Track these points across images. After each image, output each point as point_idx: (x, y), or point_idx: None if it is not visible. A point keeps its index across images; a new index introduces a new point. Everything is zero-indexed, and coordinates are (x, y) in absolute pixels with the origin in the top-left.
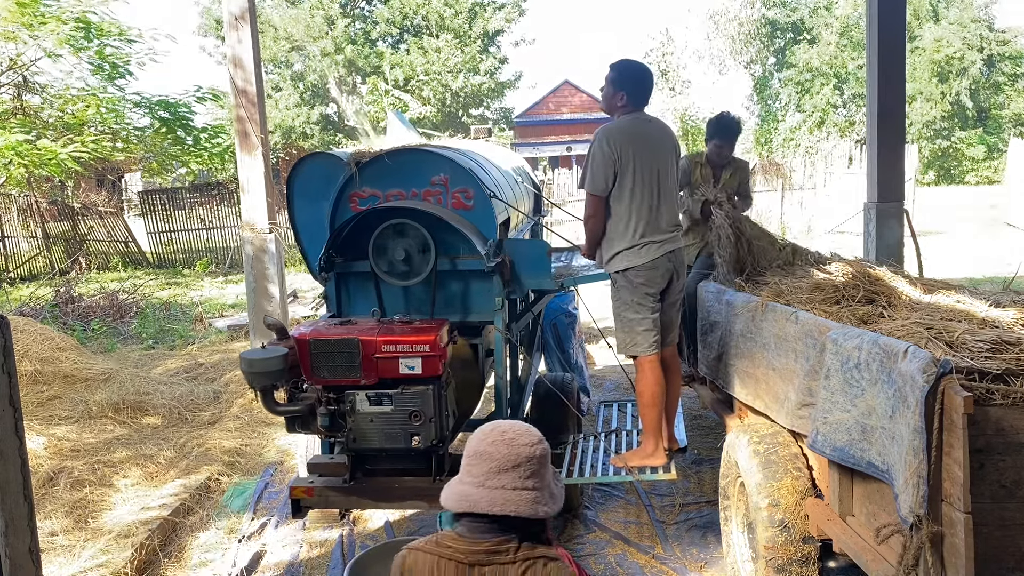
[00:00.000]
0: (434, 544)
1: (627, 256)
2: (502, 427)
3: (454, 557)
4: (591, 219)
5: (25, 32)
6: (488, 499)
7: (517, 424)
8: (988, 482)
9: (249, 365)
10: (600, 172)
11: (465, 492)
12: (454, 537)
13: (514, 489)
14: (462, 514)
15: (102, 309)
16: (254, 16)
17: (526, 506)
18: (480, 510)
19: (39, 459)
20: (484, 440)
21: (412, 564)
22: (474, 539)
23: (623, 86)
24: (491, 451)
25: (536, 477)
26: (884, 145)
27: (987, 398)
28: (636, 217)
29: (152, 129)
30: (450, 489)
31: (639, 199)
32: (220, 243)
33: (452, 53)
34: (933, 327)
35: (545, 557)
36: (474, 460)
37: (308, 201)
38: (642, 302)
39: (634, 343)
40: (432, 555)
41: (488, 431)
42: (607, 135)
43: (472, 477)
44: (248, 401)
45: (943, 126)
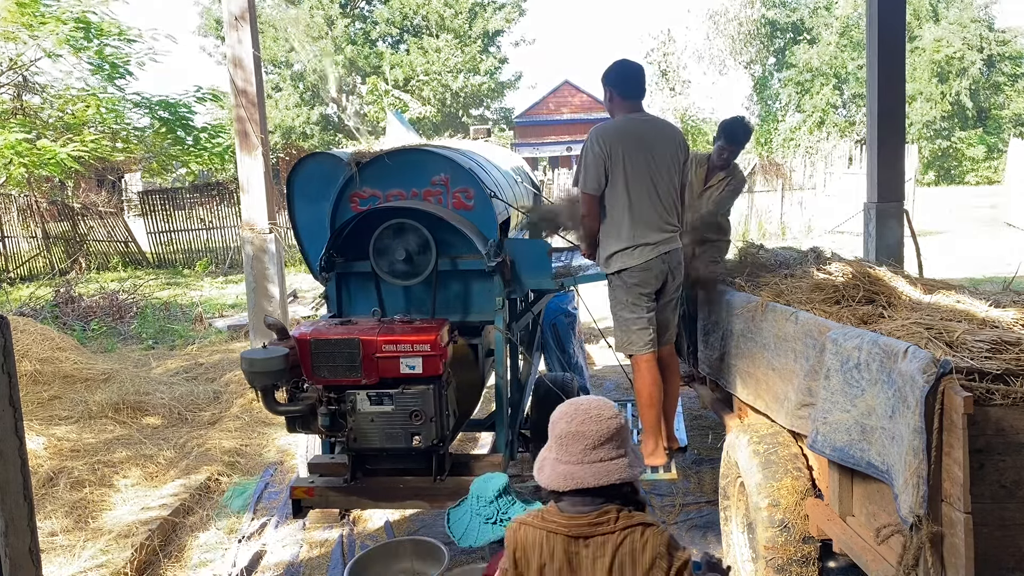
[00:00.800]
0: (540, 519)
1: (621, 257)
2: (584, 406)
3: (559, 531)
4: (585, 218)
5: (25, 32)
6: (592, 473)
7: (594, 400)
8: (988, 482)
9: (250, 365)
10: (592, 171)
11: (569, 471)
12: (557, 512)
13: (611, 460)
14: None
15: (102, 309)
16: (254, 16)
17: (624, 472)
18: (588, 485)
19: (39, 459)
20: (573, 420)
21: (523, 538)
22: (575, 512)
23: (609, 84)
24: (583, 430)
25: (624, 445)
26: (884, 145)
27: (987, 398)
28: (629, 218)
29: (152, 129)
30: (550, 470)
31: (632, 199)
32: (220, 243)
33: (452, 53)
34: (933, 327)
35: (643, 524)
36: (568, 440)
37: (308, 201)
38: (636, 302)
39: (630, 342)
40: (540, 530)
41: (572, 412)
42: (597, 134)
43: (570, 456)
44: (248, 401)
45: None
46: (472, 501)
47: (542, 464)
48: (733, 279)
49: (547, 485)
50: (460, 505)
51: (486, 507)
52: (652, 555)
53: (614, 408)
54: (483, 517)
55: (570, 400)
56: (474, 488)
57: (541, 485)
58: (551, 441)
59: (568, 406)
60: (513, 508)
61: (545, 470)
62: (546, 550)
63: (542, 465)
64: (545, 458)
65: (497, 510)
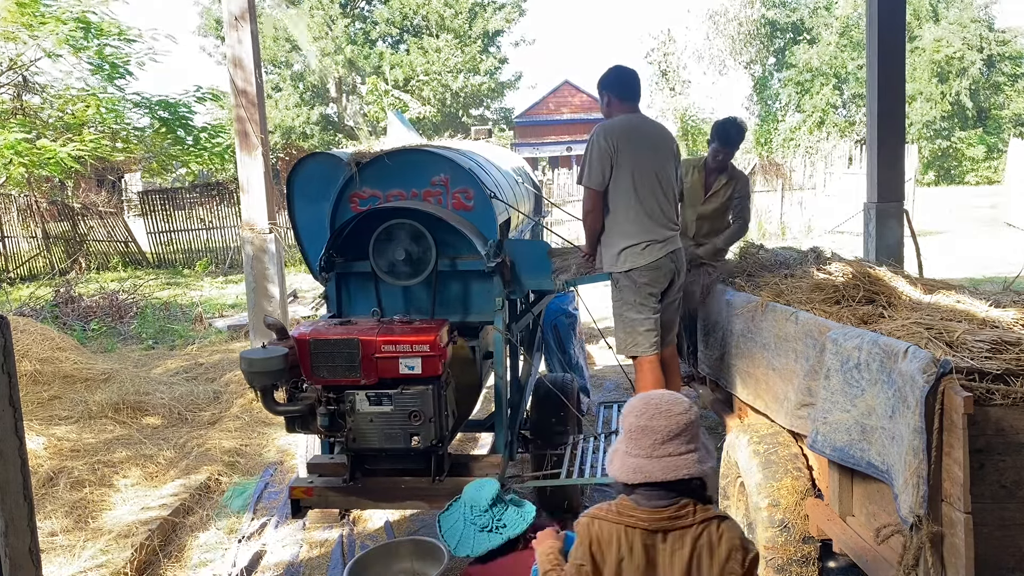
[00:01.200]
0: (616, 514)
1: (631, 255)
2: (655, 400)
3: (638, 526)
4: (590, 214)
5: (25, 32)
6: (661, 468)
7: (666, 395)
8: (988, 482)
9: (249, 365)
10: (597, 166)
11: (638, 465)
12: (632, 506)
13: (680, 455)
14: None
15: (102, 309)
16: (254, 16)
17: (694, 467)
18: (656, 479)
19: (39, 459)
20: (644, 415)
21: (598, 533)
22: (653, 507)
23: (607, 89)
24: (653, 424)
25: (694, 440)
26: (884, 145)
27: (987, 398)
28: (637, 215)
29: (152, 129)
30: (620, 463)
31: (640, 196)
32: (220, 243)
33: (452, 53)
34: (933, 327)
35: (718, 517)
36: (638, 434)
37: (308, 201)
38: (644, 302)
39: (635, 343)
40: (617, 524)
41: (643, 406)
42: (603, 130)
43: (640, 449)
44: (248, 401)
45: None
46: (465, 510)
47: (613, 456)
48: (733, 279)
49: (617, 477)
50: (450, 511)
51: (481, 516)
52: (728, 548)
53: (686, 403)
54: (478, 526)
55: (642, 394)
56: (466, 496)
57: (611, 477)
58: (622, 434)
59: (639, 400)
60: (507, 514)
61: (615, 463)
62: (624, 544)
63: (612, 457)
64: (616, 450)
65: (492, 518)
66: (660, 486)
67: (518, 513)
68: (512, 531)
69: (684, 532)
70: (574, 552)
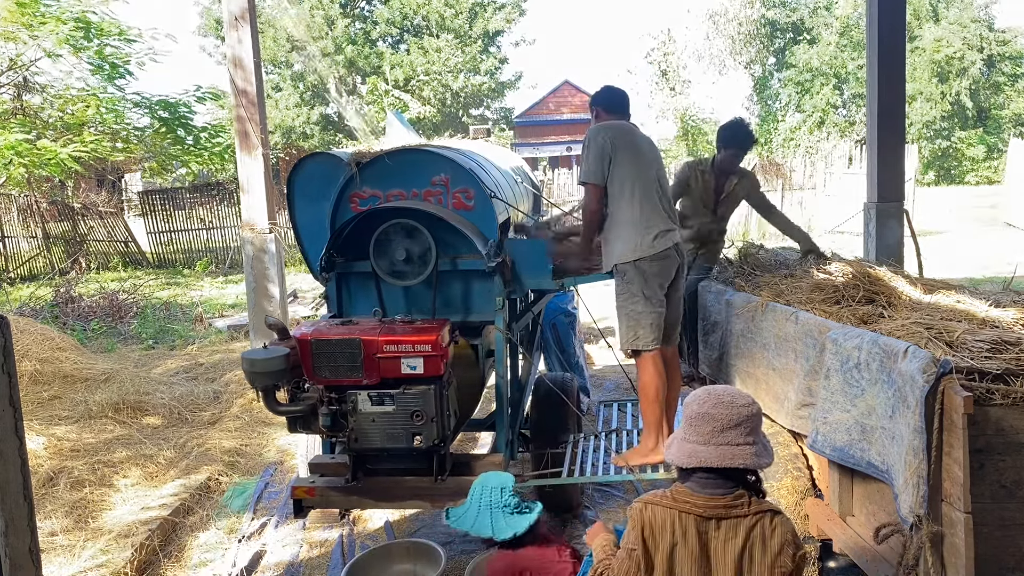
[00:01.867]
0: (671, 499)
1: (641, 245)
2: (718, 391)
3: (692, 511)
4: (594, 212)
5: (25, 32)
6: (717, 455)
7: (731, 388)
8: (988, 482)
9: (251, 365)
10: (597, 162)
11: (694, 450)
12: (688, 492)
13: (737, 445)
14: (691, 470)
15: (102, 309)
16: (254, 16)
17: (750, 459)
18: (711, 464)
19: (39, 459)
20: (706, 403)
21: (651, 517)
22: (709, 494)
23: (598, 105)
24: (714, 412)
25: (753, 433)
26: (884, 145)
27: (987, 398)
28: (642, 205)
29: (152, 129)
30: (677, 448)
31: (643, 188)
32: (220, 243)
33: (452, 53)
34: (933, 327)
35: (771, 511)
36: (698, 421)
37: (309, 201)
38: (651, 295)
39: (637, 337)
40: (671, 509)
41: (705, 395)
42: (599, 129)
43: (698, 436)
44: (248, 401)
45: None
46: (485, 493)
47: (671, 443)
48: (733, 279)
49: (673, 461)
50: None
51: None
52: (781, 541)
53: (749, 398)
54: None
55: (707, 386)
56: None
57: (668, 462)
58: (683, 422)
59: (703, 390)
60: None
61: (672, 448)
62: (678, 529)
63: (671, 443)
64: (675, 437)
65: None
66: (717, 474)
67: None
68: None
69: (738, 522)
70: (626, 537)
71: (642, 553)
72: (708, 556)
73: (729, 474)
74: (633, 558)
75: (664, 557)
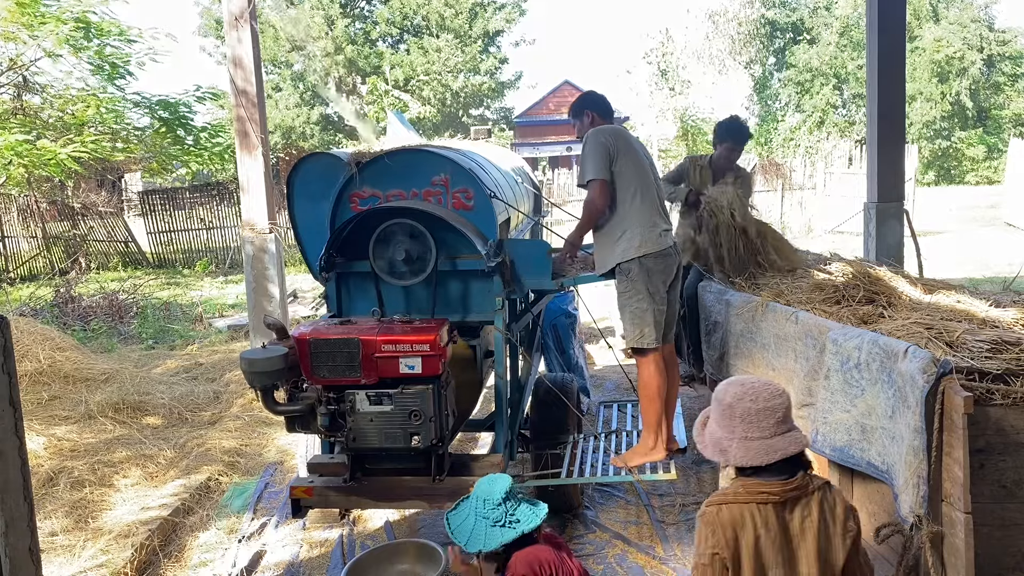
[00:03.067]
0: (745, 493)
1: (646, 242)
2: (757, 384)
3: (770, 500)
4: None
5: (25, 32)
6: (791, 443)
7: (756, 378)
8: (988, 482)
9: (250, 365)
10: (601, 159)
11: (768, 445)
12: (760, 483)
13: (793, 430)
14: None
15: (102, 309)
16: (254, 16)
17: (804, 439)
18: (790, 453)
19: (39, 459)
20: (759, 398)
21: (729, 516)
22: (781, 480)
23: (589, 108)
24: (771, 405)
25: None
26: (884, 145)
27: (987, 398)
28: (643, 203)
29: (152, 129)
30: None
31: (644, 186)
32: (220, 243)
33: (452, 53)
34: (933, 327)
35: (826, 482)
36: (759, 417)
37: (308, 201)
38: (655, 291)
39: (642, 335)
40: (748, 503)
41: (753, 391)
42: (598, 131)
43: (763, 431)
44: (248, 401)
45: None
46: (477, 504)
47: (725, 446)
48: (733, 280)
49: (747, 463)
50: (459, 508)
51: (493, 510)
52: (843, 508)
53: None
54: (491, 520)
55: (735, 380)
56: (478, 491)
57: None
58: (727, 422)
59: (740, 387)
60: (520, 510)
61: (733, 450)
62: (759, 521)
63: (725, 447)
64: (723, 438)
65: (505, 512)
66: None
67: (531, 509)
68: (526, 526)
69: (810, 499)
70: (704, 543)
71: (729, 554)
72: (789, 539)
73: (793, 457)
74: (717, 562)
75: (750, 552)
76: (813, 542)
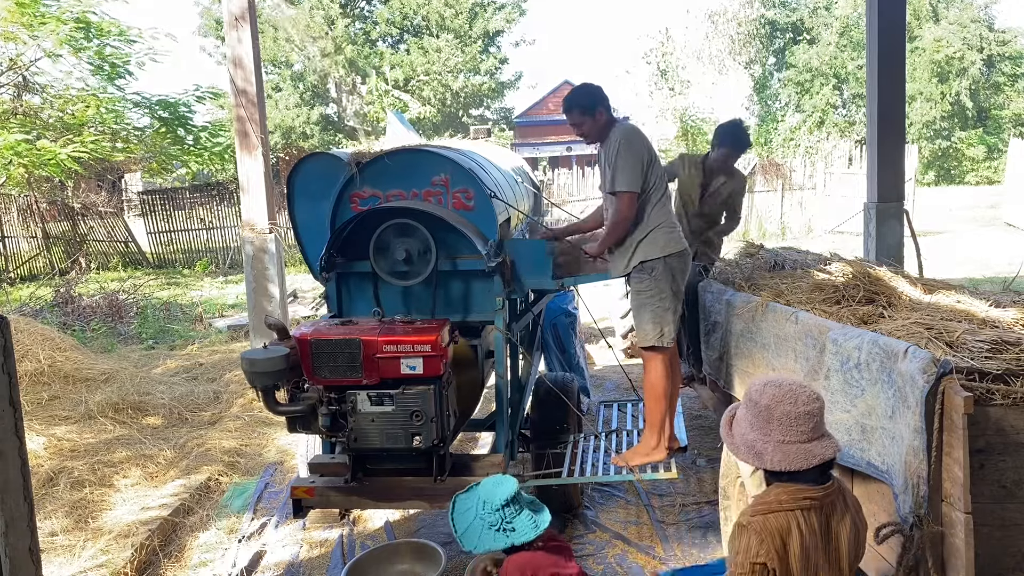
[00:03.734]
0: (789, 500)
1: (671, 242)
2: (793, 387)
3: (813, 506)
4: (626, 220)
5: (25, 32)
6: (829, 446)
7: (795, 380)
8: (988, 482)
9: (251, 365)
10: (636, 170)
11: (806, 449)
12: (800, 488)
13: (827, 434)
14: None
15: (102, 309)
16: (254, 16)
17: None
18: (828, 459)
19: (39, 459)
20: (797, 402)
21: (777, 525)
22: (821, 484)
23: (600, 103)
24: (810, 409)
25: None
26: (884, 145)
27: (987, 398)
28: (666, 207)
29: (152, 129)
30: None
31: (665, 191)
32: (220, 243)
33: (452, 53)
34: (933, 327)
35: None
36: (800, 421)
37: (309, 201)
38: (677, 290)
39: (663, 334)
40: (792, 511)
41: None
42: (632, 137)
43: (803, 435)
44: (248, 401)
45: (943, 126)
46: (479, 504)
47: (760, 448)
48: (733, 279)
49: (785, 467)
50: (468, 493)
51: (491, 514)
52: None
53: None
54: (487, 523)
55: (771, 381)
56: (482, 491)
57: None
58: (763, 424)
59: (778, 388)
60: (519, 519)
61: (769, 454)
62: (806, 527)
63: (760, 450)
64: (757, 440)
65: (502, 518)
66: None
67: (531, 519)
68: (520, 537)
69: (842, 499)
70: (747, 552)
71: (778, 564)
72: (830, 541)
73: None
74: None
75: (799, 558)
76: (847, 540)
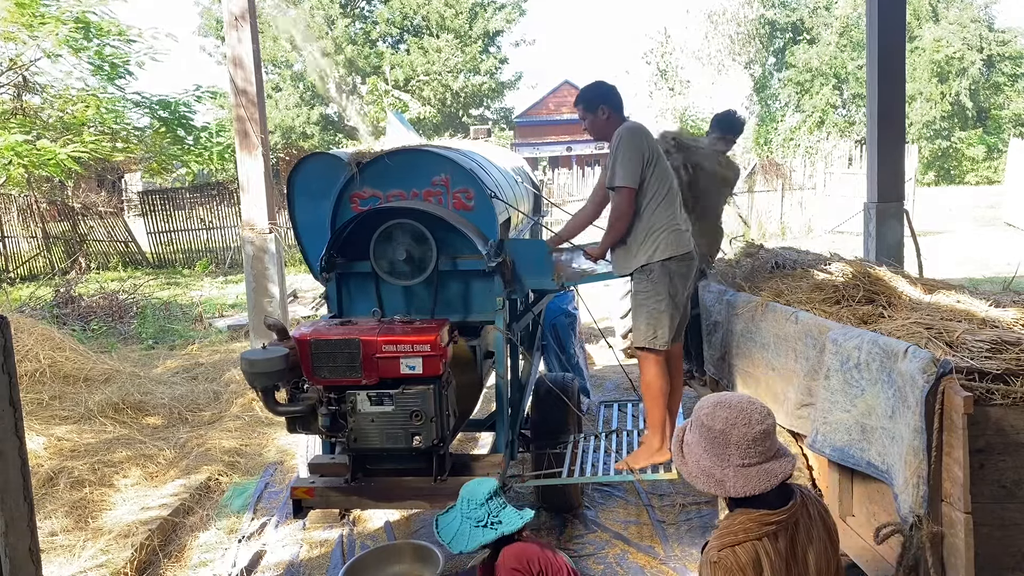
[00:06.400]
0: (754, 527)
1: (673, 243)
2: (746, 406)
3: (778, 530)
4: (624, 216)
5: (25, 32)
6: (785, 464)
7: (743, 396)
8: (988, 482)
9: (250, 365)
10: (635, 165)
11: (766, 470)
12: (762, 514)
13: (783, 449)
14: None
15: (102, 309)
16: (254, 16)
17: (795, 457)
18: (788, 474)
19: (39, 459)
20: (751, 421)
21: (746, 558)
22: (784, 507)
23: (605, 102)
24: (764, 428)
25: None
26: (884, 145)
27: (987, 398)
28: (673, 207)
29: (152, 129)
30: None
31: (671, 191)
32: (220, 243)
33: (452, 53)
34: (933, 327)
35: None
36: (756, 442)
37: (309, 201)
38: (675, 294)
39: (655, 336)
40: (757, 539)
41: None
42: (635, 131)
43: (760, 455)
44: (248, 401)
45: (943, 126)
46: (463, 504)
47: (720, 476)
48: (733, 279)
49: (748, 492)
50: (449, 511)
51: (476, 510)
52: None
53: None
54: (473, 520)
55: (720, 402)
56: (464, 492)
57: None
58: (719, 449)
59: (729, 409)
60: (504, 512)
61: (730, 480)
62: (773, 552)
63: (720, 477)
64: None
65: (488, 513)
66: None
67: (516, 513)
68: (508, 527)
69: (804, 512)
70: None
71: None
72: (797, 554)
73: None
74: None
75: None
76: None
